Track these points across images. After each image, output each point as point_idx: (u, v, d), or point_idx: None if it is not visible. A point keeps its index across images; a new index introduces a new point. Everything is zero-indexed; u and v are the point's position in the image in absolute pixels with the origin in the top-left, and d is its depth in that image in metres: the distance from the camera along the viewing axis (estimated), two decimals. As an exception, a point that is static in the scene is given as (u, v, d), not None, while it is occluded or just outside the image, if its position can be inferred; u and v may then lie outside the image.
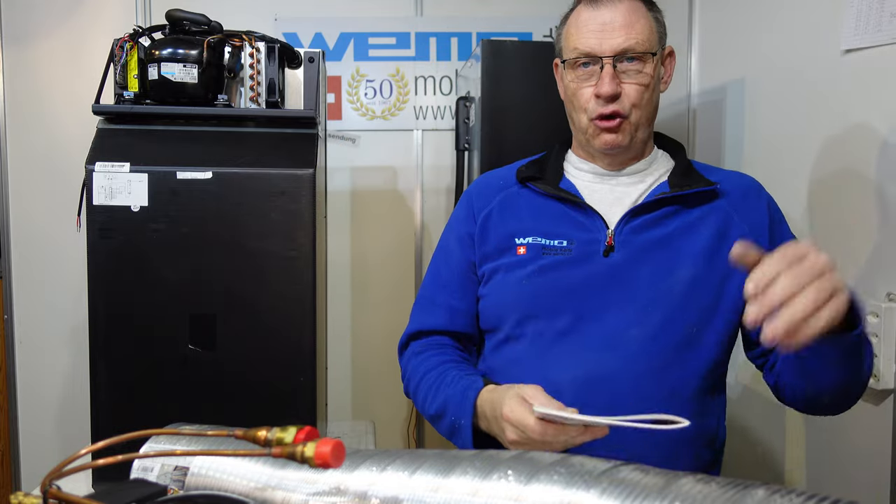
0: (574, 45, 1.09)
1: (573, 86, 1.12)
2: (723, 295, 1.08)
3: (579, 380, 1.03)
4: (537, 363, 1.07)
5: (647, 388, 1.03)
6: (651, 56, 1.08)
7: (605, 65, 1.06)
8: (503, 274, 1.14)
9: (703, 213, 1.11)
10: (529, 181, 1.18)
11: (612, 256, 1.09)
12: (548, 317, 1.08)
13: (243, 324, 1.45)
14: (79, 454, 0.52)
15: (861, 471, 1.42)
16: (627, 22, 1.06)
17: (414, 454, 0.62)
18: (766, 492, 0.51)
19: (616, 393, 1.02)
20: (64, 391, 2.58)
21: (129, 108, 1.48)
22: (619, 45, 1.06)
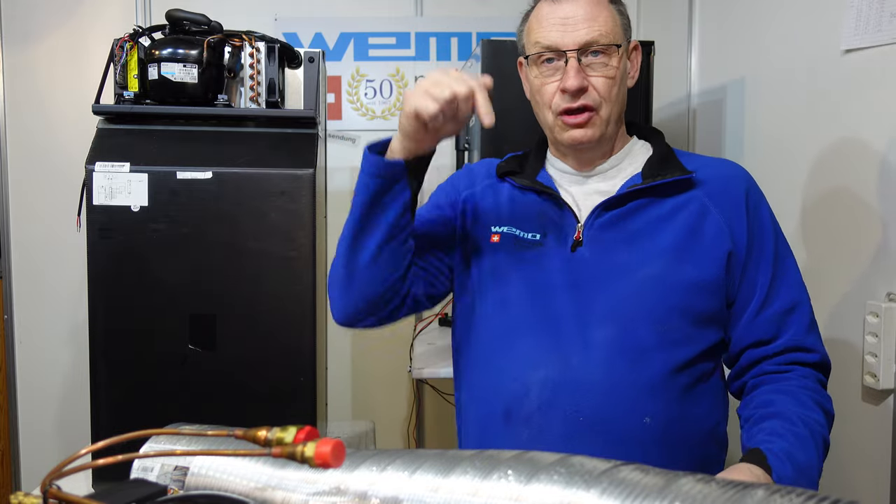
0: (536, 40, 1.07)
1: (537, 82, 1.08)
2: (692, 291, 1.05)
3: (549, 381, 1.01)
4: (505, 359, 1.06)
5: (617, 388, 1.00)
6: (616, 48, 1.05)
7: (570, 58, 1.03)
8: (476, 263, 1.13)
9: (678, 205, 1.07)
10: (508, 175, 1.17)
11: (579, 251, 1.07)
12: (516, 312, 1.07)
13: (243, 324, 1.45)
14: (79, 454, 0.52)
15: (861, 471, 1.42)
16: (590, 15, 1.04)
17: (414, 454, 0.62)
18: (766, 492, 0.51)
19: (585, 394, 1.00)
20: (64, 391, 2.58)
21: (129, 108, 1.48)
22: (583, 37, 1.03)
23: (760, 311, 1.07)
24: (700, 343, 1.06)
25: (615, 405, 1.00)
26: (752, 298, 1.07)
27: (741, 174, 1.13)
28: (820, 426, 1.01)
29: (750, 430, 1.01)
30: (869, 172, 1.40)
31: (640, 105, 1.90)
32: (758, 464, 0.92)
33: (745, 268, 1.07)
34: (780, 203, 1.71)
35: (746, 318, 1.08)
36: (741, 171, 1.14)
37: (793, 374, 1.07)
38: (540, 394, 1.01)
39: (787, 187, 1.68)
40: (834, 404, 1.50)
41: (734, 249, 1.06)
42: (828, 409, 1.06)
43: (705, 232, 1.05)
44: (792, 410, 1.01)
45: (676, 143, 2.39)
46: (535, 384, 1.02)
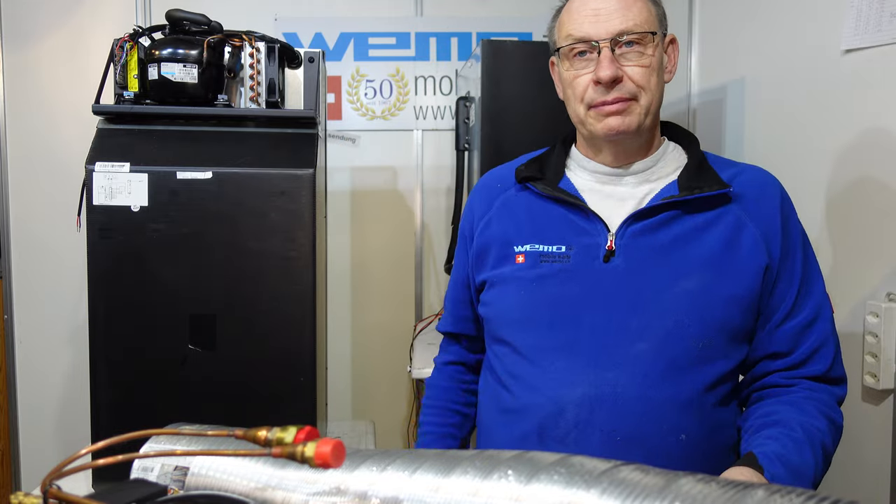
0: (568, 33, 1.04)
1: (569, 75, 1.05)
2: (731, 306, 1.02)
3: (586, 399, 0.99)
4: (540, 380, 1.03)
5: (655, 406, 0.99)
6: (651, 35, 1.02)
7: (603, 48, 1.00)
8: (503, 285, 1.10)
9: (714, 217, 1.04)
10: (529, 181, 1.13)
11: (612, 262, 1.03)
12: (548, 330, 1.04)
13: (243, 324, 1.45)
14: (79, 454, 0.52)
15: (861, 471, 1.42)
16: (622, 5, 1.01)
17: (414, 454, 0.62)
18: (766, 492, 0.51)
19: (623, 413, 0.98)
20: (64, 391, 2.58)
21: (129, 108, 1.48)
22: (616, 27, 1.00)
23: (783, 323, 1.05)
24: (734, 359, 1.04)
25: (652, 423, 0.98)
26: (778, 310, 1.05)
27: (774, 184, 1.10)
28: (820, 433, 0.99)
29: (749, 438, 1.00)
30: (869, 172, 1.40)
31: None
32: (750, 465, 0.91)
33: (777, 280, 1.04)
34: (780, 203, 1.72)
35: (769, 328, 1.06)
36: (774, 181, 1.10)
37: (800, 387, 1.05)
38: (577, 413, 0.99)
39: (787, 187, 1.68)
40: (834, 404, 1.50)
41: (770, 263, 1.03)
42: (834, 419, 1.03)
43: (742, 245, 1.02)
44: (792, 418, 0.99)
45: (676, 143, 2.38)
46: (570, 403, 1.00)
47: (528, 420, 1.03)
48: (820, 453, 0.97)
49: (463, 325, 1.24)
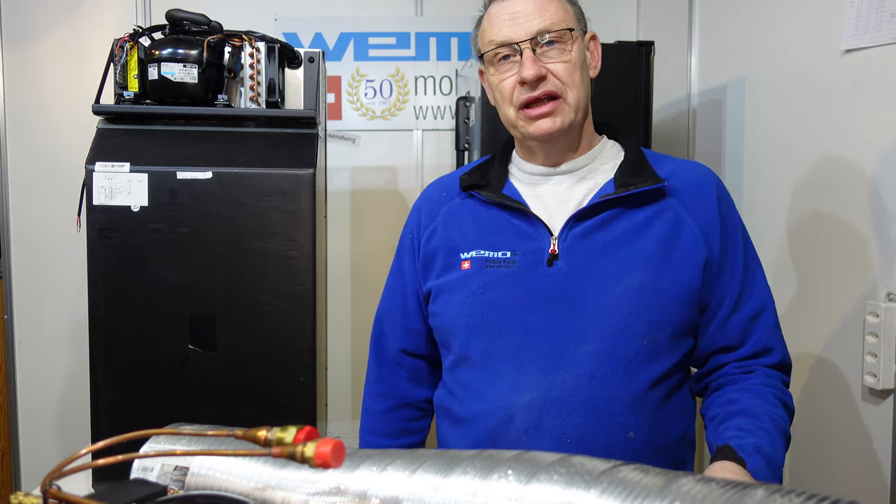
0: (490, 39, 1.07)
1: (495, 79, 1.07)
2: (673, 302, 1.03)
3: (535, 404, 1.00)
4: (489, 388, 1.04)
5: (603, 406, 1.00)
6: (569, 32, 1.04)
7: (524, 49, 1.03)
8: (449, 293, 1.10)
9: (653, 214, 1.05)
10: (473, 189, 1.13)
11: (556, 265, 1.04)
12: (496, 337, 1.04)
13: (243, 324, 1.45)
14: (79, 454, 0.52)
15: (861, 471, 1.42)
16: (539, 7, 1.04)
17: (414, 454, 0.62)
18: (766, 492, 0.51)
19: (571, 414, 1.00)
20: (64, 391, 2.58)
21: (129, 108, 1.48)
22: (534, 27, 1.03)
23: (729, 316, 1.07)
24: (677, 353, 1.05)
25: (600, 423, 1.00)
26: (723, 304, 1.07)
27: (711, 178, 1.11)
28: (783, 421, 1.02)
29: (716, 428, 1.01)
30: (869, 172, 1.40)
31: (641, 105, 1.91)
32: (731, 459, 0.92)
33: (719, 275, 1.06)
34: (779, 203, 1.71)
35: (716, 323, 1.08)
36: (711, 176, 1.11)
37: (756, 375, 1.06)
38: (527, 418, 1.00)
39: (787, 187, 1.68)
40: (834, 404, 1.51)
41: (710, 258, 1.05)
42: (788, 404, 1.06)
43: (681, 241, 1.04)
44: (758, 406, 1.01)
45: (676, 143, 2.40)
46: (520, 409, 1.01)
47: (479, 429, 1.04)
48: (785, 442, 1.00)
49: (415, 340, 1.22)
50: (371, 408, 1.27)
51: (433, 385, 1.23)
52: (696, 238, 1.04)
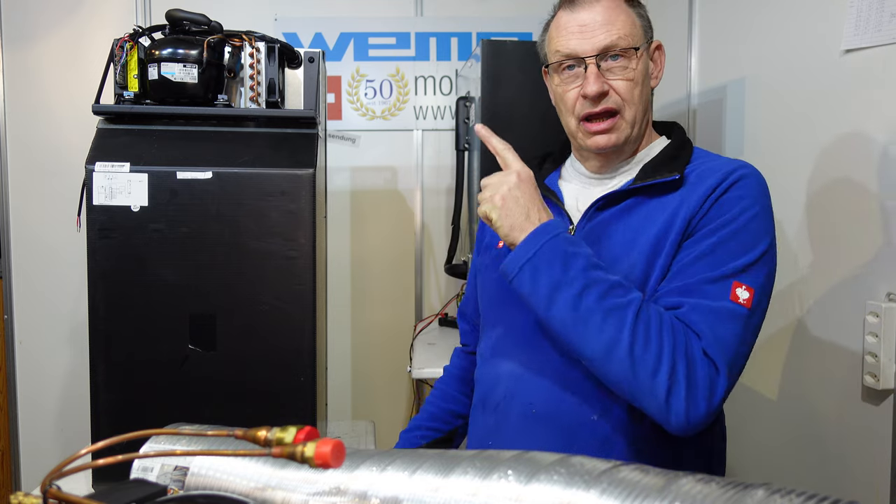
0: (556, 49, 1.08)
1: (560, 90, 1.10)
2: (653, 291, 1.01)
3: (514, 374, 1.08)
4: (490, 354, 1.14)
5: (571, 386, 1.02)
6: (635, 51, 1.05)
7: (589, 65, 1.04)
8: (485, 271, 1.22)
9: (661, 205, 1.03)
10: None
11: None
12: (505, 309, 1.11)
13: (243, 324, 1.45)
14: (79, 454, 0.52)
15: (861, 471, 1.42)
16: (607, 20, 1.04)
17: (414, 454, 0.62)
18: (766, 492, 0.51)
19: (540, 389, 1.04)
20: (64, 391, 2.58)
21: (129, 108, 1.48)
22: (601, 42, 1.04)
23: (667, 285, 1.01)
24: None
25: (564, 400, 1.02)
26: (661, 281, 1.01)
27: (729, 171, 1.02)
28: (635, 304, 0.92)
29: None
30: (869, 172, 1.40)
31: (640, 105, 1.90)
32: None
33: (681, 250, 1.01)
34: (780, 203, 1.71)
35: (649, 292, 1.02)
36: (733, 169, 1.03)
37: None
38: (506, 385, 1.08)
39: (788, 187, 1.68)
40: (834, 404, 1.51)
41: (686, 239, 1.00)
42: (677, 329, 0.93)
43: (673, 229, 1.01)
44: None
45: (676, 143, 2.37)
46: (503, 376, 1.10)
47: (479, 390, 1.16)
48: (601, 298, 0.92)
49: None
50: (454, 352, 1.41)
51: None
52: (686, 220, 1.01)
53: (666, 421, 0.91)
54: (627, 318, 0.91)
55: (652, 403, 0.91)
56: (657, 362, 0.90)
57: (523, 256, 0.96)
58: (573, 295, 0.92)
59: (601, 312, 0.92)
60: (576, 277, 0.93)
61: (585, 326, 0.92)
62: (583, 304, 0.92)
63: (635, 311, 0.92)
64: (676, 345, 0.91)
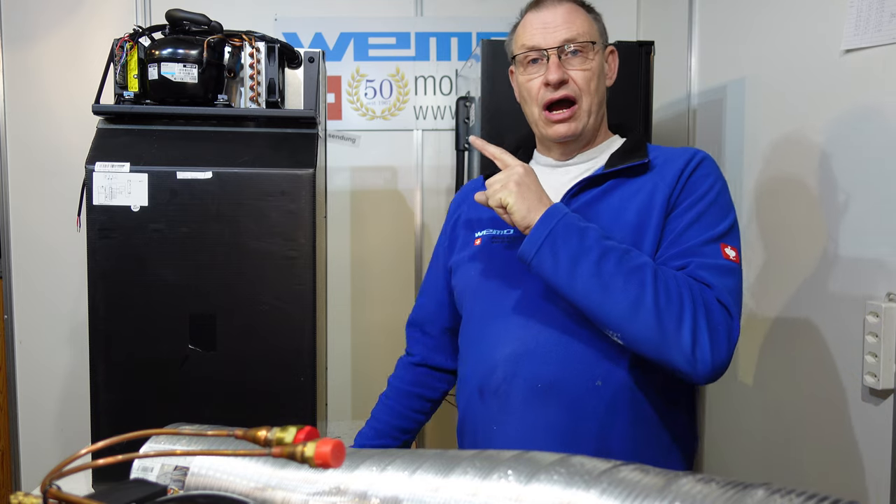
0: (522, 43, 1.20)
1: (524, 79, 1.20)
2: None
3: (513, 355, 1.13)
4: (478, 344, 1.19)
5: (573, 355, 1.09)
6: (591, 45, 1.18)
7: (551, 56, 1.16)
8: (464, 267, 1.27)
9: (637, 188, 1.15)
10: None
11: None
12: (490, 299, 1.19)
13: (243, 324, 1.45)
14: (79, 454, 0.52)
15: (861, 471, 1.42)
16: (567, 19, 1.17)
17: (414, 454, 0.62)
18: (766, 491, 0.51)
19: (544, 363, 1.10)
20: (64, 391, 2.58)
21: (129, 108, 1.48)
22: (561, 36, 1.16)
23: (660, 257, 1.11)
24: None
25: (568, 370, 1.09)
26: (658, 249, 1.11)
27: (692, 153, 1.17)
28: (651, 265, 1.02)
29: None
30: (869, 172, 1.40)
31: (641, 105, 1.90)
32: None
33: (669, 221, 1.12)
34: (779, 202, 1.71)
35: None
36: (694, 152, 1.17)
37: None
38: (505, 368, 1.13)
39: (788, 187, 1.68)
40: (834, 404, 1.51)
41: (668, 213, 1.12)
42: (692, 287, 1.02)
43: (654, 205, 1.12)
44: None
45: (676, 143, 2.40)
46: (500, 361, 1.14)
47: (471, 383, 1.20)
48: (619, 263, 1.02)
49: (444, 312, 1.38)
50: (401, 361, 1.45)
51: (454, 356, 1.38)
52: (666, 198, 1.12)
53: (693, 369, 0.99)
54: (647, 278, 1.00)
55: (678, 355, 0.98)
56: (680, 314, 0.99)
57: (542, 234, 1.04)
58: (593, 262, 1.01)
59: (622, 275, 1.00)
60: (592, 247, 1.02)
61: (609, 290, 1.00)
62: (604, 270, 1.01)
63: (653, 271, 1.01)
64: (695, 297, 1.00)
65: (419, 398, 1.40)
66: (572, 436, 1.09)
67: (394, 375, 1.44)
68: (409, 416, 1.40)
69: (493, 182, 1.11)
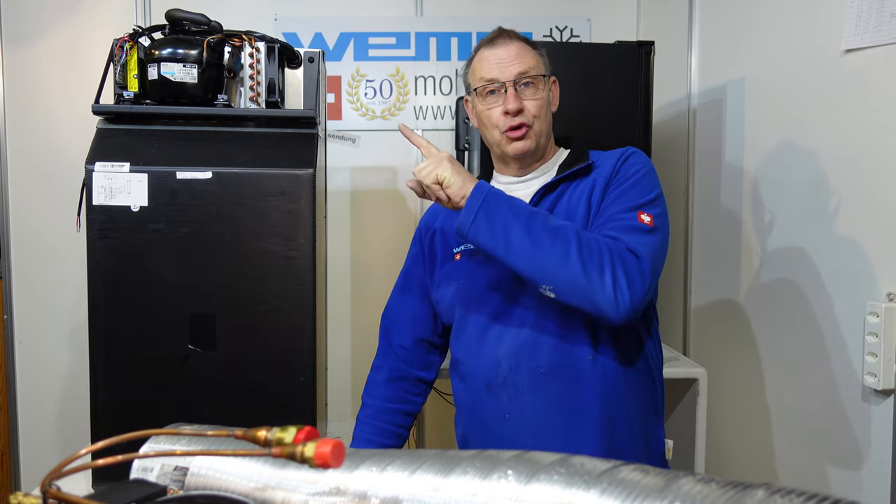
0: (481, 76, 1.34)
1: (484, 108, 1.34)
2: None
3: (513, 348, 1.27)
4: (479, 345, 1.31)
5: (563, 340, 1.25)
6: (542, 77, 1.34)
7: (508, 87, 1.31)
8: (447, 281, 1.39)
9: (584, 188, 1.31)
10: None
11: None
12: (482, 306, 1.32)
13: (243, 324, 1.45)
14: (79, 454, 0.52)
15: (861, 471, 1.42)
16: (519, 55, 1.32)
17: (414, 454, 0.62)
18: (766, 492, 0.51)
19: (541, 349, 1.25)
20: (64, 391, 2.58)
21: (129, 108, 1.48)
22: (516, 69, 1.31)
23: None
24: None
25: (564, 353, 1.25)
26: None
27: (625, 149, 1.35)
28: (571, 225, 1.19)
29: None
30: (869, 172, 1.40)
31: (641, 105, 1.90)
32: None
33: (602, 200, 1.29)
34: (779, 202, 1.72)
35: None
36: (627, 148, 1.35)
37: None
38: (508, 361, 1.28)
39: (788, 187, 1.68)
40: (834, 404, 1.51)
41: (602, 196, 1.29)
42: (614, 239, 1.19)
43: (596, 196, 1.29)
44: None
45: (676, 143, 2.40)
46: (503, 356, 1.28)
47: (477, 379, 1.31)
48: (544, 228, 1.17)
49: (419, 325, 1.47)
50: (375, 377, 1.50)
51: (430, 366, 1.50)
52: (603, 188, 1.29)
53: (616, 311, 1.15)
54: (570, 234, 1.17)
55: (603, 300, 1.14)
56: (601, 264, 1.15)
57: (476, 203, 1.18)
58: (523, 225, 1.17)
59: (549, 233, 1.16)
60: (521, 212, 1.18)
61: (540, 247, 1.16)
62: (533, 229, 1.16)
63: (574, 229, 1.18)
64: (610, 249, 1.17)
65: (402, 414, 1.47)
66: (579, 407, 1.24)
67: (369, 394, 1.48)
68: (395, 431, 1.45)
69: (425, 164, 1.23)
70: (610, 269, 1.15)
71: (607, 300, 1.14)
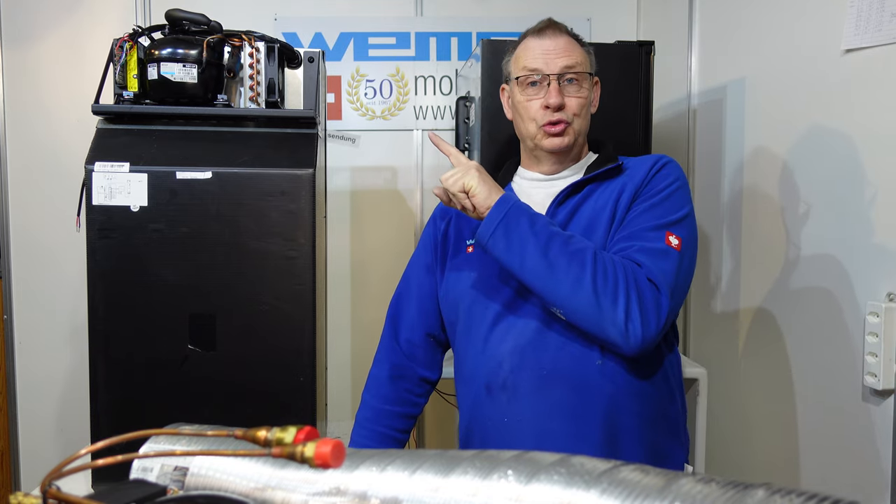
0: (524, 65, 1.29)
1: (523, 99, 1.30)
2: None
3: (517, 348, 1.22)
4: (482, 344, 1.27)
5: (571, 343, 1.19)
6: (587, 76, 1.30)
7: (552, 81, 1.26)
8: (457, 272, 1.35)
9: (610, 191, 1.27)
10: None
11: None
12: (488, 301, 1.28)
13: (243, 324, 1.45)
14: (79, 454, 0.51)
15: (861, 471, 1.42)
16: (567, 49, 1.28)
17: (414, 454, 0.62)
18: (766, 492, 0.51)
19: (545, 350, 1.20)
20: (64, 391, 2.58)
21: (129, 108, 1.48)
22: (562, 63, 1.27)
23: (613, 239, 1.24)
24: None
25: (569, 356, 1.19)
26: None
27: (657, 157, 1.30)
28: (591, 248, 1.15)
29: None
30: (869, 172, 1.40)
31: (641, 105, 1.90)
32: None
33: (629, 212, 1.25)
34: (780, 202, 1.71)
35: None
36: (659, 156, 1.31)
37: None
38: (511, 361, 1.22)
39: (787, 187, 1.68)
40: (834, 404, 1.51)
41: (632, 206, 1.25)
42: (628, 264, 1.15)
43: (624, 201, 1.25)
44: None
45: (677, 143, 2.40)
46: (505, 355, 1.23)
47: (478, 381, 1.27)
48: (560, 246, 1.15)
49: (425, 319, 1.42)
50: (377, 374, 1.45)
51: (435, 366, 1.45)
52: (632, 193, 1.25)
53: (626, 343, 1.12)
54: (587, 259, 1.13)
55: (613, 330, 1.11)
56: (615, 293, 1.11)
57: (498, 216, 1.16)
58: (541, 245, 1.14)
59: (566, 256, 1.13)
60: (541, 231, 1.16)
61: (554, 269, 1.13)
62: (550, 251, 1.14)
63: (592, 254, 1.14)
64: (628, 277, 1.13)
65: (402, 417, 1.41)
66: (581, 414, 1.18)
67: (370, 391, 1.43)
68: (394, 437, 1.40)
69: (453, 173, 1.21)
70: (624, 299, 1.11)
71: (617, 331, 1.11)
